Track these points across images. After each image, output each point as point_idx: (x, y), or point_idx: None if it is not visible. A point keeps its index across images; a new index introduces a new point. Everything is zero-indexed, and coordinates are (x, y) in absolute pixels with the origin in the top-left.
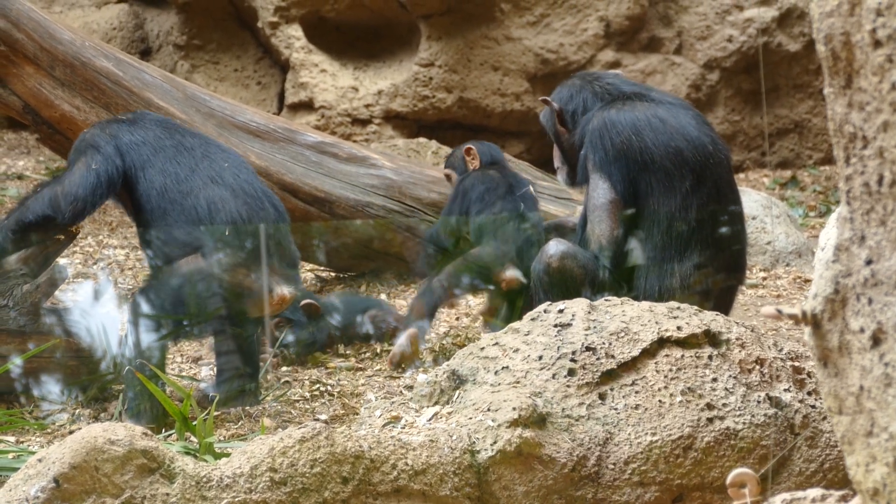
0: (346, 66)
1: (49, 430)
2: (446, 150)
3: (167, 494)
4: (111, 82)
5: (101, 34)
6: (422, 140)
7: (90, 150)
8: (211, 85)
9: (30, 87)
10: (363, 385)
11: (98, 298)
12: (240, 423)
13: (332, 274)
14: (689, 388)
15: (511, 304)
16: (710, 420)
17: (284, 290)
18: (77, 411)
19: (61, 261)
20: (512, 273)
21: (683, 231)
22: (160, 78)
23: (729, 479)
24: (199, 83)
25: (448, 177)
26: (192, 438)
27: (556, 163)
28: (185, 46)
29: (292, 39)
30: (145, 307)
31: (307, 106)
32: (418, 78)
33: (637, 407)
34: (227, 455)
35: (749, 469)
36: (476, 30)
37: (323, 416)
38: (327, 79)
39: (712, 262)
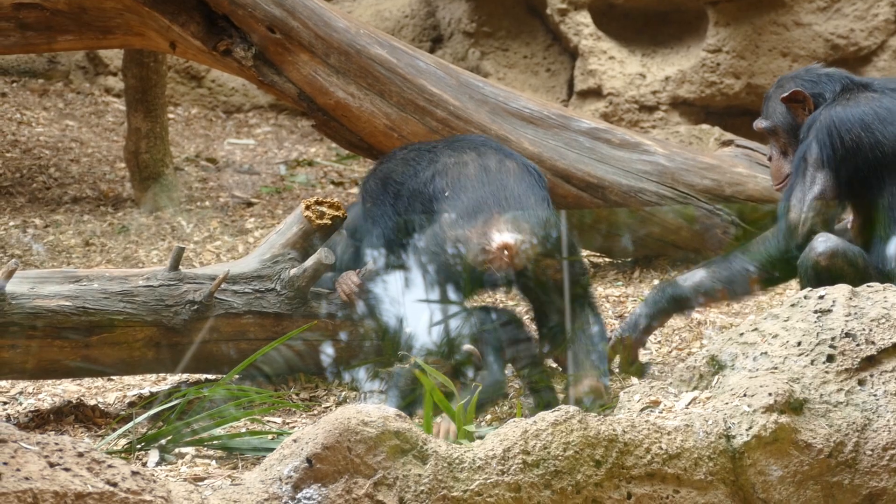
0: (634, 52)
1: (315, 412)
2: (729, 135)
3: (419, 475)
4: (385, 69)
5: (394, 22)
6: (704, 127)
7: None
8: (500, 72)
9: (305, 75)
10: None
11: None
12: (503, 407)
13: (607, 260)
14: None
15: None
16: None
17: (506, 237)
18: (343, 393)
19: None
20: None
21: None
22: (433, 65)
23: None
24: (488, 70)
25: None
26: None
27: (787, 168)
28: (474, 34)
29: (581, 26)
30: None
31: (595, 93)
32: (706, 64)
33: None
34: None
35: None
36: (764, 15)
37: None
38: (615, 66)
39: None
